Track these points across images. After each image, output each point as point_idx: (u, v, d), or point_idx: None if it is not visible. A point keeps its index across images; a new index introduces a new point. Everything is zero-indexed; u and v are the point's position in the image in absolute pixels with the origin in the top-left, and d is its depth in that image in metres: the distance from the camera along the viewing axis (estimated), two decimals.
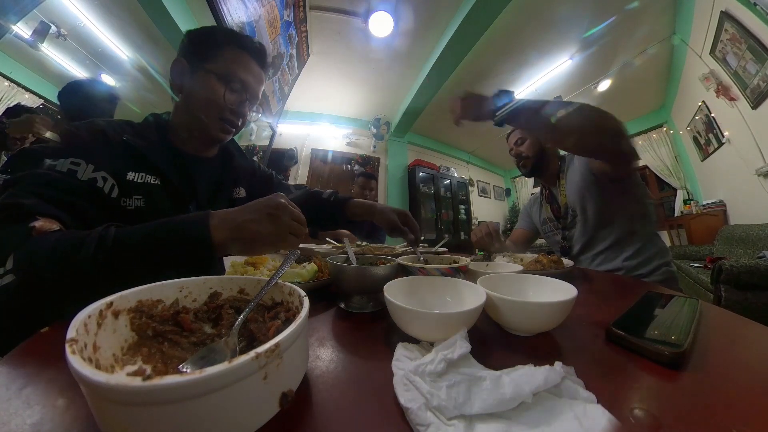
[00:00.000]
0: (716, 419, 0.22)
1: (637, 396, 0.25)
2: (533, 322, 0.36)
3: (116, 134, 0.58)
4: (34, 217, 0.41)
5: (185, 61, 0.64)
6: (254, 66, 0.67)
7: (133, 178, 0.57)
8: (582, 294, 0.38)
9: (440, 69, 2.99)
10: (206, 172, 0.71)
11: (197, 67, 0.63)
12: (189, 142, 0.69)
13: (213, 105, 0.63)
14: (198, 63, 0.63)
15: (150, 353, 0.25)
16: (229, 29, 0.68)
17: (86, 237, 0.39)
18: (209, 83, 0.62)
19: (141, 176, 0.58)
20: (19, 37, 2.23)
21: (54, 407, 0.21)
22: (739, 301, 1.47)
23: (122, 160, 0.57)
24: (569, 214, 1.09)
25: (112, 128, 0.59)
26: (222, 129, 0.67)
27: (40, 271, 0.37)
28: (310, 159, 4.30)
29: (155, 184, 0.59)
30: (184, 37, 0.67)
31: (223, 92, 0.63)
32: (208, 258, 0.43)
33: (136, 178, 0.57)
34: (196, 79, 0.63)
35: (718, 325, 0.42)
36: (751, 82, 2.22)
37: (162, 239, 0.41)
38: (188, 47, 0.66)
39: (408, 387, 0.23)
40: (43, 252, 0.38)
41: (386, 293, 0.35)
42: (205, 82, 0.62)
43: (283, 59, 2.80)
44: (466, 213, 5.10)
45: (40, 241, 0.39)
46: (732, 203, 2.85)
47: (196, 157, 0.70)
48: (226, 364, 0.16)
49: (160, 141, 0.65)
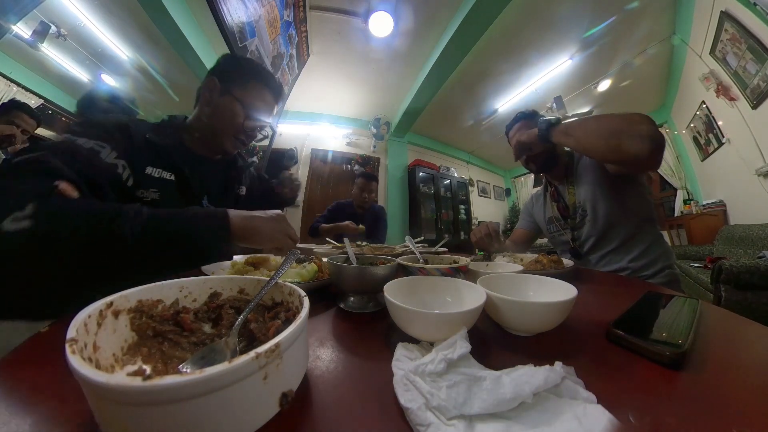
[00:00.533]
0: (716, 419, 0.22)
1: (637, 396, 0.25)
2: (533, 322, 0.36)
3: (139, 131, 0.65)
4: (57, 177, 0.44)
5: (217, 80, 0.74)
6: (272, 101, 0.81)
7: (151, 173, 0.64)
8: (582, 294, 0.38)
9: (440, 69, 2.99)
10: (215, 172, 0.82)
11: (226, 89, 0.74)
12: (202, 145, 0.78)
13: (232, 125, 0.75)
14: (227, 86, 0.74)
15: (150, 353, 0.25)
16: (259, 66, 0.81)
17: (121, 209, 0.43)
18: (234, 107, 0.74)
19: (158, 171, 0.65)
20: (19, 37, 2.23)
21: (54, 407, 0.21)
22: (739, 301, 1.46)
23: (143, 154, 0.63)
24: (578, 213, 1.05)
25: (135, 125, 0.66)
26: (234, 145, 0.79)
27: (63, 228, 0.40)
28: (310, 159, 4.30)
29: (170, 180, 0.67)
30: (220, 58, 0.79)
31: (243, 118, 0.75)
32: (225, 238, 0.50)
33: (153, 173, 0.64)
34: (223, 100, 0.74)
35: (718, 325, 0.42)
36: (751, 82, 2.22)
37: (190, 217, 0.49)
38: (222, 70, 0.76)
39: (408, 387, 0.23)
40: (71, 211, 0.41)
41: (386, 293, 0.35)
42: (230, 105, 0.74)
43: (283, 59, 2.80)
44: (466, 213, 5.11)
45: (66, 201, 0.43)
46: (732, 203, 2.85)
47: (205, 157, 0.80)
48: (226, 364, 0.16)
49: (177, 141, 0.74)
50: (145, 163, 0.63)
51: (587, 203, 1.01)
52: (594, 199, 1.00)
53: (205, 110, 0.75)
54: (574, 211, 1.06)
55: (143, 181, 0.62)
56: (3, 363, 0.27)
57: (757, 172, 2.36)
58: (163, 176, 0.66)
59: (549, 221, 1.18)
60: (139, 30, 2.29)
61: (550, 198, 1.17)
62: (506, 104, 3.93)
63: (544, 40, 2.82)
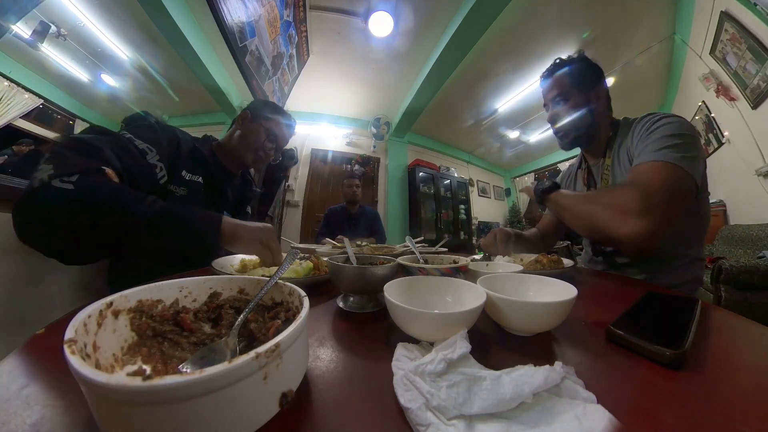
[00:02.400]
0: (716, 419, 0.22)
1: (637, 396, 0.25)
2: (533, 322, 0.36)
3: (187, 142, 0.86)
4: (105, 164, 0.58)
5: (249, 112, 0.99)
6: (287, 135, 1.06)
7: (184, 176, 0.82)
8: (582, 294, 0.38)
9: (440, 69, 2.99)
10: (234, 186, 1.03)
11: (255, 119, 0.99)
12: (227, 159, 0.99)
13: (256, 142, 0.97)
14: (257, 117, 0.99)
15: (150, 353, 0.25)
16: (281, 108, 1.06)
17: (145, 197, 0.57)
18: (259, 132, 0.97)
19: (190, 175, 0.83)
20: (19, 37, 2.23)
21: (54, 407, 0.21)
22: (739, 301, 1.47)
23: (183, 161, 0.82)
24: None
25: (183, 136, 0.86)
26: (254, 161, 1.00)
27: (100, 199, 0.52)
28: (310, 159, 4.30)
29: (199, 182, 0.85)
30: (258, 101, 1.09)
31: (264, 139, 0.98)
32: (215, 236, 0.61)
33: (186, 176, 0.82)
34: (252, 125, 0.98)
35: (718, 325, 0.42)
36: (751, 82, 2.22)
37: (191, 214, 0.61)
38: (254, 107, 1.02)
39: (408, 387, 0.23)
40: (109, 190, 0.54)
41: (386, 293, 0.35)
42: (257, 130, 0.97)
43: (283, 59, 2.80)
44: (466, 213, 5.11)
45: (106, 181, 0.56)
46: (732, 203, 2.85)
47: (229, 172, 1.00)
48: (226, 364, 0.16)
49: (211, 153, 0.94)
50: (183, 168, 0.81)
51: None
52: None
53: (236, 133, 0.98)
54: None
55: (177, 181, 0.79)
56: (3, 363, 0.27)
57: (757, 172, 2.36)
58: (194, 179, 0.84)
59: None
60: (139, 30, 2.28)
61: (582, 179, 0.98)
62: (506, 104, 3.93)
63: (544, 40, 2.82)
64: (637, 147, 0.76)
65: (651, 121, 0.77)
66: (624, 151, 0.84)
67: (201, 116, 3.35)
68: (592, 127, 0.88)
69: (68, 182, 0.50)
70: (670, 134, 0.71)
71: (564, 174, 1.15)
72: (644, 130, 0.77)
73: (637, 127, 0.80)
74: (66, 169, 0.51)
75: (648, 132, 0.75)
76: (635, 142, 0.78)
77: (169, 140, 0.79)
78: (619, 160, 0.85)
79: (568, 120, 0.89)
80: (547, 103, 0.95)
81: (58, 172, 0.50)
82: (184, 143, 0.83)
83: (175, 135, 0.82)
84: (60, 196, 0.49)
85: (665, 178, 0.65)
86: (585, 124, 0.88)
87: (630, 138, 0.82)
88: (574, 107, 0.88)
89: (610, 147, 0.88)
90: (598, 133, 0.90)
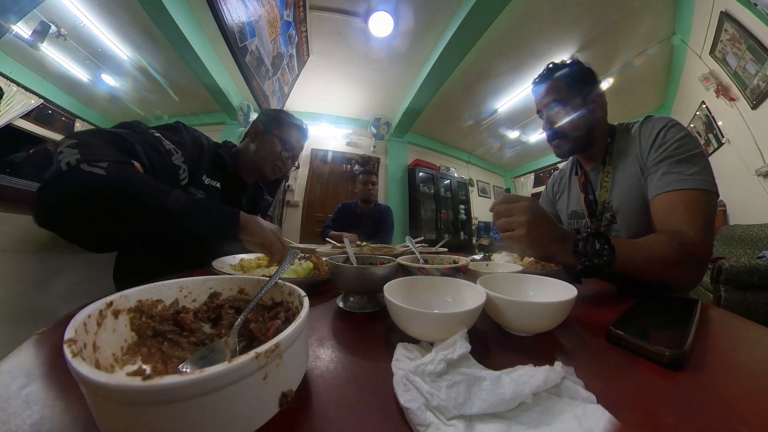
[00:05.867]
0: (716, 420, 0.22)
1: (637, 396, 0.25)
2: (533, 322, 0.36)
3: (210, 147, 0.90)
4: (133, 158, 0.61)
5: (261, 125, 1.00)
6: (302, 141, 1.08)
7: (204, 180, 0.85)
8: (582, 294, 0.38)
9: (440, 69, 2.98)
10: (248, 194, 1.06)
11: (268, 130, 0.99)
12: (244, 169, 1.01)
13: (273, 154, 0.99)
14: (270, 128, 1.00)
15: (150, 353, 0.25)
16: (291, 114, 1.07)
17: (172, 189, 0.59)
18: (274, 143, 0.99)
19: (210, 180, 0.86)
20: (19, 37, 2.22)
21: (54, 407, 0.21)
22: (739, 301, 1.47)
23: (208, 167, 0.86)
24: (605, 216, 0.81)
25: (207, 142, 0.91)
26: (272, 171, 1.01)
27: (133, 185, 0.55)
28: (310, 159, 4.30)
29: (216, 187, 0.88)
30: (266, 111, 1.10)
31: (279, 150, 0.99)
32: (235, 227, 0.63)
33: (206, 180, 0.85)
34: (266, 138, 0.99)
35: (718, 326, 0.42)
36: (751, 83, 2.22)
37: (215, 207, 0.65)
38: (267, 117, 1.03)
39: (408, 387, 0.23)
40: (140, 178, 0.57)
41: (386, 293, 0.35)
42: (271, 142, 0.99)
43: (283, 59, 2.80)
44: (466, 213, 5.10)
45: (137, 172, 0.60)
46: (732, 203, 2.85)
47: (244, 181, 1.03)
48: (225, 364, 0.16)
49: (232, 162, 0.97)
50: (204, 172, 0.85)
51: (619, 209, 0.78)
52: (630, 208, 0.76)
53: (251, 146, 1.00)
54: (602, 210, 0.81)
55: (197, 184, 0.83)
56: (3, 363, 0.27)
57: (757, 173, 2.36)
58: (212, 184, 0.87)
59: (571, 214, 0.93)
60: (139, 30, 2.28)
61: (579, 186, 0.91)
62: (506, 104, 3.93)
63: (544, 40, 2.82)
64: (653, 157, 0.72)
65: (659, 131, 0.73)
66: (627, 158, 0.79)
67: (201, 116, 3.35)
68: (590, 132, 0.84)
69: (99, 167, 0.52)
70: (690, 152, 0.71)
71: (555, 178, 1.08)
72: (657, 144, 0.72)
73: (643, 134, 0.76)
74: (93, 156, 0.53)
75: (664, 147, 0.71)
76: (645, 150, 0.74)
77: (193, 144, 0.82)
78: (623, 167, 0.79)
79: (563, 124, 0.84)
80: (540, 109, 0.89)
81: (85, 158, 0.52)
82: (207, 148, 0.88)
83: (199, 140, 0.87)
84: (91, 179, 0.51)
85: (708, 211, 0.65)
86: (582, 128, 0.83)
87: (636, 145, 0.76)
88: (570, 112, 0.83)
89: (609, 153, 0.83)
90: (595, 138, 0.85)
